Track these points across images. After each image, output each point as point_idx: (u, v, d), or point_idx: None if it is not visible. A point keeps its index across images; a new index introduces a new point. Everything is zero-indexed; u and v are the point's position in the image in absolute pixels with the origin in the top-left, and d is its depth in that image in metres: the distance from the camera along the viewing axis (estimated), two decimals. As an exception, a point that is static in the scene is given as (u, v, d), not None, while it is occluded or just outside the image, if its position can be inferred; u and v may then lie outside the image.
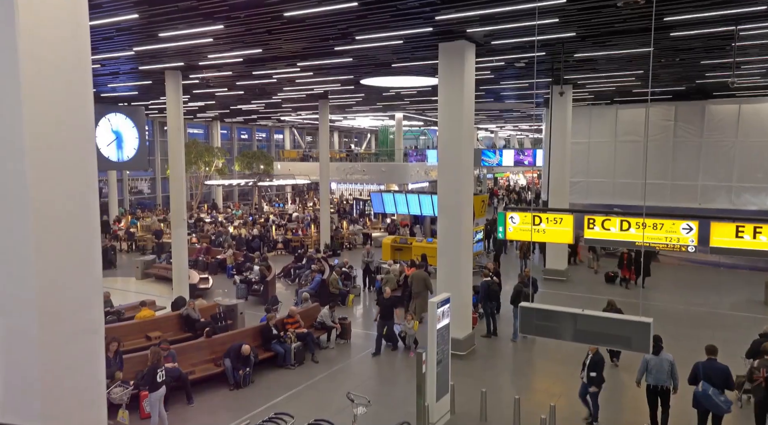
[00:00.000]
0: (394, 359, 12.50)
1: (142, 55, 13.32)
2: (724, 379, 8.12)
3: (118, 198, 33.38)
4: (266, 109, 28.75)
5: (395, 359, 12.50)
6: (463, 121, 12.11)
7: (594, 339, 7.32)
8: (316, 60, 13.97)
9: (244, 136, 44.99)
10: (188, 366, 10.67)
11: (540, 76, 17.19)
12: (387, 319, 12.74)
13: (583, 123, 24.64)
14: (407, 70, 15.51)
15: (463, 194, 12.44)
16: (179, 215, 16.57)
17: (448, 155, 12.47)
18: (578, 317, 7.33)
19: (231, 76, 16.72)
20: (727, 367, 8.26)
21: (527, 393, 10.66)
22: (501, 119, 37.86)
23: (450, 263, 12.43)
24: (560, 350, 12.96)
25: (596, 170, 24.84)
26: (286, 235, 25.40)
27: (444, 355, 9.37)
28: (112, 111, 23.35)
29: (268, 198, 41.58)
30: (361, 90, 20.61)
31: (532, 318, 7.62)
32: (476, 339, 13.30)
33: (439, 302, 9.18)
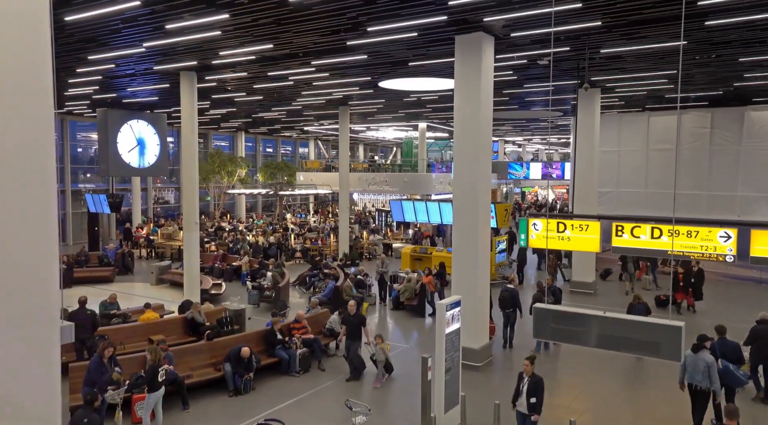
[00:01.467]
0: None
1: (154, 53, 13.10)
2: (737, 354, 9.04)
3: (143, 207, 33.56)
4: (288, 117, 28.57)
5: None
6: (480, 119, 11.49)
7: (618, 344, 6.53)
8: (329, 58, 13.56)
9: (270, 149, 45.06)
10: (186, 370, 10.16)
11: (565, 78, 16.44)
12: (353, 340, 11.10)
13: (612, 131, 23.71)
14: (425, 69, 14.98)
15: (480, 196, 11.76)
16: (191, 219, 16.25)
17: (464, 155, 11.85)
18: (600, 321, 6.57)
19: (247, 77, 16.46)
20: (738, 343, 9.25)
21: (547, 408, 9.77)
22: (528, 130, 36.99)
23: (465, 268, 11.72)
24: (586, 363, 12.10)
25: (626, 179, 23.80)
26: (305, 244, 24.95)
27: (454, 363, 8.64)
28: (134, 118, 23.52)
29: (292, 209, 41.37)
30: (380, 95, 20.17)
31: (547, 321, 6.88)
32: (495, 349, 12.52)
33: (449, 304, 8.48)
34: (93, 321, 11.02)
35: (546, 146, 53.88)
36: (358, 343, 11.19)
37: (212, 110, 25.38)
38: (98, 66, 14.67)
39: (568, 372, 11.74)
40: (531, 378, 7.76)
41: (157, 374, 8.65)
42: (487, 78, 11.63)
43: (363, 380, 11.04)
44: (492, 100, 12.00)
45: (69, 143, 29.59)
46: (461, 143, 11.86)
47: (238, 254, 22.10)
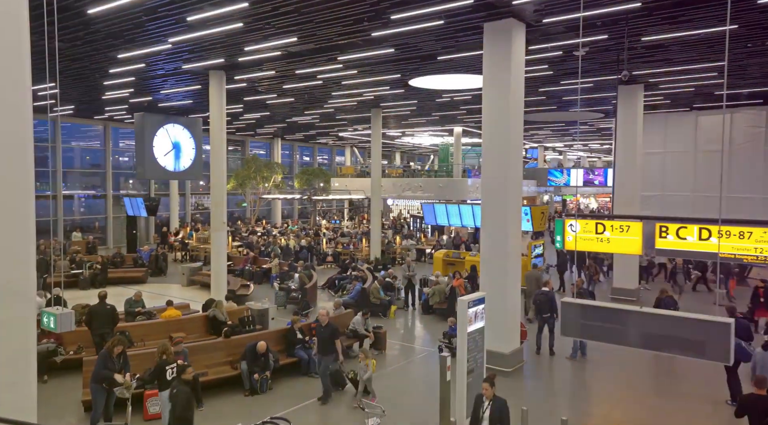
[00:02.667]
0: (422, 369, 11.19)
1: (181, 49, 13.05)
2: (748, 332, 9.68)
3: (181, 212, 34.04)
4: (322, 122, 28.48)
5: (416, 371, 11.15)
6: (510, 113, 10.91)
7: (657, 343, 5.83)
8: (356, 52, 13.23)
9: (307, 158, 45.23)
10: (201, 367, 9.85)
11: (604, 73, 15.64)
12: (327, 354, 9.70)
13: (657, 132, 22.60)
14: (455, 64, 14.48)
15: (510, 195, 11.13)
16: (218, 219, 16.14)
17: (493, 151, 11.27)
18: (636, 317, 5.90)
19: (276, 77, 16.32)
20: (748, 322, 9.98)
21: (580, 417, 9.07)
22: (568, 135, 35.85)
23: (494, 269, 11.10)
24: (626, 370, 11.29)
25: (673, 183, 22.60)
26: (336, 248, 24.65)
27: (477, 364, 8.04)
28: (170, 122, 23.77)
29: (328, 216, 41.29)
30: (412, 95, 19.76)
31: (576, 317, 6.24)
32: (530, 354, 11.84)
33: (471, 301, 7.90)
34: (112, 316, 10.87)
35: (588, 152, 52.28)
36: (332, 358, 9.76)
37: (246, 115, 25.49)
38: (129, 65, 14.78)
39: (604, 379, 10.93)
40: (493, 401, 6.72)
41: (165, 371, 8.34)
42: (518, 68, 11.05)
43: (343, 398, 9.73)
44: (523, 92, 11.42)
45: (111, 149, 30.28)
46: (490, 138, 11.30)
47: (268, 257, 21.96)
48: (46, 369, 10.45)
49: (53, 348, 10.58)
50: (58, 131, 27.73)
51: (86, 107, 23.83)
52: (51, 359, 10.52)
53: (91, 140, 30.63)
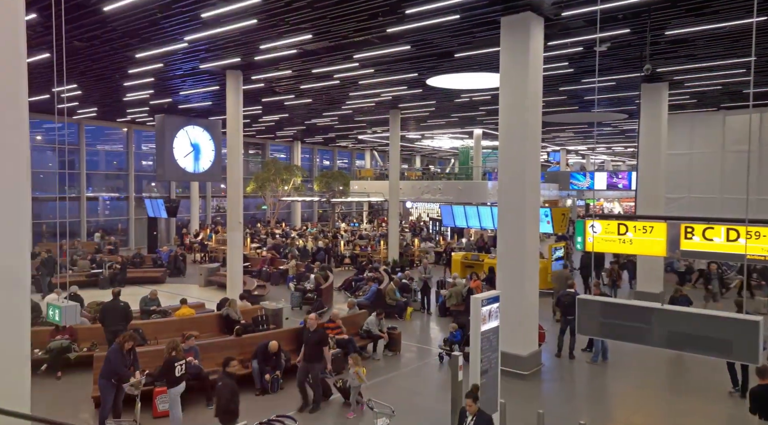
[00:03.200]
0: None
1: (197, 47, 13.06)
2: None
3: (201, 215, 34.29)
4: (341, 124, 28.43)
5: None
6: (528, 111, 10.64)
7: (680, 342, 5.51)
8: (371, 50, 13.09)
9: (327, 162, 45.27)
10: (212, 365, 9.74)
11: (627, 70, 15.25)
12: (312, 362, 9.11)
13: (683, 132, 21.99)
14: (473, 62, 14.24)
15: (528, 193, 10.83)
16: (234, 219, 16.12)
17: (510, 150, 11.01)
18: (657, 314, 5.60)
19: (293, 76, 16.27)
20: None
21: (599, 422, 8.73)
22: (591, 137, 35.22)
23: (511, 269, 10.81)
24: (649, 375, 10.89)
25: (699, 185, 21.93)
26: (354, 250, 24.51)
27: (491, 365, 7.76)
28: (190, 124, 23.98)
29: (348, 220, 41.22)
30: (430, 95, 19.55)
31: (594, 315, 5.95)
32: (550, 358, 11.51)
33: (485, 299, 7.64)
34: (125, 313, 10.86)
35: (611, 156, 51.37)
36: (319, 367, 9.25)
37: (265, 116, 25.55)
38: (147, 65, 14.86)
39: (626, 383, 10.54)
40: (477, 417, 6.35)
41: (173, 368, 8.25)
42: (536, 64, 10.79)
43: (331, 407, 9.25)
44: (541, 88, 11.13)
45: (133, 151, 30.64)
46: (507, 135, 11.05)
47: (286, 258, 21.92)
48: (60, 365, 10.48)
49: (67, 345, 10.59)
50: (82, 133, 28.17)
51: (109, 109, 24.12)
52: (65, 356, 10.53)
53: (115, 143, 31.05)
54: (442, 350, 11.50)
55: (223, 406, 7.27)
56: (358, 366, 8.92)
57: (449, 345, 11.35)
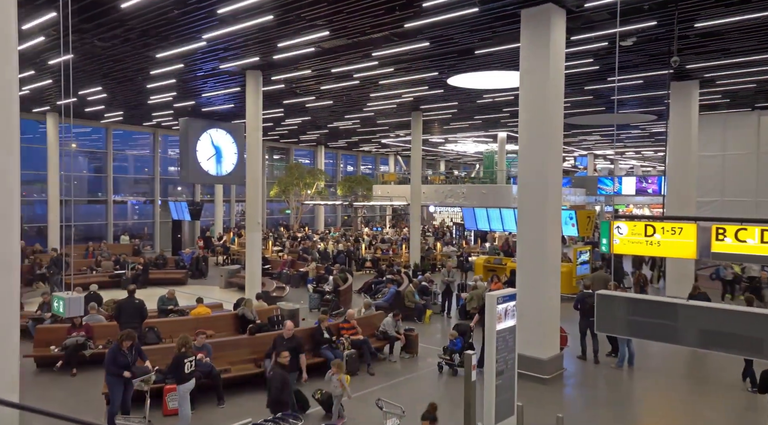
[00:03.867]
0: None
1: (215, 46, 13.06)
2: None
3: (225, 218, 34.55)
4: (363, 127, 28.34)
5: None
6: (549, 109, 10.33)
7: (705, 340, 5.15)
8: (390, 47, 12.91)
9: (351, 168, 45.24)
10: (224, 364, 9.65)
11: (655, 67, 14.75)
12: (288, 371, 8.31)
13: (715, 133, 21.30)
14: (494, 59, 13.95)
15: (550, 193, 10.48)
16: (254, 219, 16.08)
17: (530, 148, 10.73)
18: (681, 310, 5.24)
19: (312, 76, 16.20)
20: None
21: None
22: (619, 140, 34.40)
23: (532, 270, 10.45)
24: (678, 382, 10.40)
25: (733, 188, 21.18)
26: (375, 253, 24.30)
27: (507, 366, 7.44)
28: (213, 126, 24.17)
29: (371, 225, 41.07)
30: (452, 96, 19.28)
31: (613, 312, 5.62)
32: (574, 362, 11.10)
33: (501, 297, 7.34)
34: (140, 310, 10.83)
35: (641, 160, 50.18)
36: (293, 377, 8.54)
37: (288, 119, 25.59)
38: (169, 66, 14.95)
39: (652, 390, 10.06)
40: None
41: (183, 365, 8.14)
42: (557, 59, 10.47)
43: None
44: (563, 84, 10.80)
45: (159, 155, 31.05)
46: (527, 135, 10.76)
47: (306, 261, 21.85)
48: (75, 362, 10.48)
49: (83, 342, 10.60)
50: (110, 137, 28.66)
51: (134, 113, 24.46)
52: (80, 352, 10.54)
53: (143, 148, 31.50)
54: (441, 359, 10.90)
55: (275, 396, 7.40)
56: (342, 372, 8.25)
57: (449, 354, 10.78)
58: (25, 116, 24.80)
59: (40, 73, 16.15)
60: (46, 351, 10.61)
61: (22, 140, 24.38)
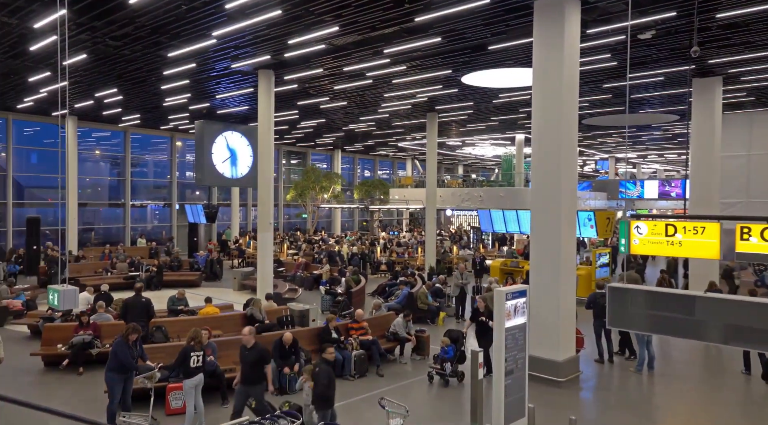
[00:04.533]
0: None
1: (227, 44, 13.01)
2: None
3: (243, 223, 34.66)
4: (379, 130, 28.17)
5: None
6: (563, 103, 10.00)
7: (722, 334, 4.80)
8: (401, 43, 12.70)
9: (368, 173, 45.08)
10: (229, 363, 9.46)
11: (676, 62, 14.31)
12: (252, 384, 7.59)
13: (740, 133, 20.54)
14: (508, 54, 13.65)
15: (564, 192, 10.11)
16: (265, 219, 15.97)
17: (543, 146, 10.37)
18: (697, 302, 4.90)
19: (325, 76, 16.08)
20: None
21: (643, 434, 7.91)
22: (641, 142, 33.70)
23: (545, 270, 10.08)
24: (701, 388, 9.92)
25: (759, 189, 20.42)
26: (390, 256, 24.05)
27: (518, 365, 7.12)
28: (229, 129, 24.23)
29: (388, 229, 40.83)
30: (467, 95, 19.00)
31: (625, 305, 5.29)
32: (591, 365, 10.71)
33: (510, 293, 7.03)
34: (147, 309, 10.72)
35: (663, 164, 49.17)
36: (259, 389, 7.63)
37: (303, 122, 25.54)
38: (181, 66, 14.95)
39: (672, 395, 9.61)
40: None
41: (189, 358, 7.97)
42: (572, 53, 10.15)
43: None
44: (578, 78, 10.46)
45: (176, 159, 31.25)
46: (540, 133, 10.40)
47: (320, 263, 21.70)
48: (82, 361, 10.40)
49: (89, 340, 10.52)
50: (128, 141, 28.92)
51: (151, 116, 24.63)
52: (87, 351, 10.45)
53: (163, 153, 31.74)
54: (431, 368, 10.13)
55: (321, 393, 7.04)
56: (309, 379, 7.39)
57: (440, 363, 10.01)
58: (44, 120, 25.20)
59: (56, 74, 16.28)
60: (53, 350, 10.55)
61: (43, 143, 24.47)
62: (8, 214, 24.82)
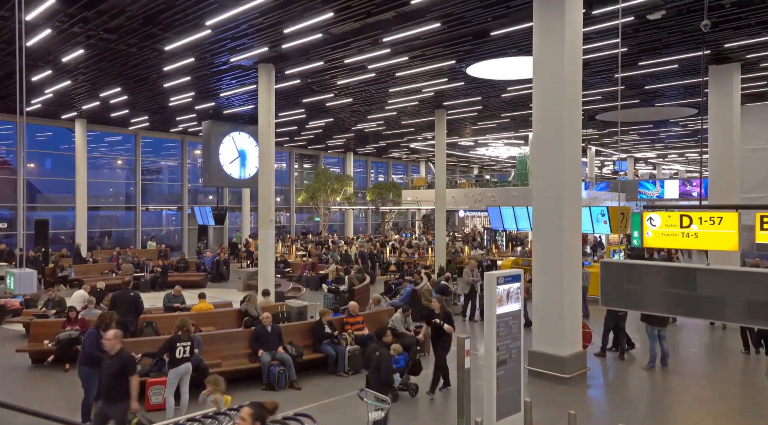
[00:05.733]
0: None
1: (222, 35, 12.74)
2: None
3: (254, 227, 34.45)
4: (389, 130, 27.79)
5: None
6: (564, 90, 9.45)
7: (728, 311, 4.24)
8: (399, 30, 12.30)
9: (381, 178, 44.67)
10: (215, 358, 9.07)
11: (689, 46, 13.66)
12: (112, 402, 6.15)
13: (761, 124, 19.76)
14: (510, 41, 13.14)
15: (566, 178, 9.58)
16: (266, 216, 15.65)
17: (543, 136, 9.85)
18: (699, 276, 4.35)
19: (326, 69, 15.75)
20: None
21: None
22: (659, 140, 32.75)
23: (549, 263, 9.52)
24: (715, 386, 9.25)
25: (783, 183, 19.58)
26: (400, 257, 23.58)
27: (511, 355, 6.60)
28: (236, 130, 24.09)
29: (402, 232, 40.38)
30: (474, 89, 18.53)
31: (620, 281, 4.77)
32: (600, 362, 10.11)
33: (502, 277, 6.52)
34: (136, 304, 10.40)
35: (685, 164, 47.91)
36: (121, 406, 6.15)
37: (311, 122, 25.26)
38: (179, 61, 14.75)
39: (686, 394, 8.98)
40: None
41: (175, 347, 7.63)
42: (573, 34, 9.59)
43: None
44: (581, 64, 9.88)
45: (187, 163, 31.23)
46: (541, 123, 9.86)
47: (327, 263, 21.34)
48: (69, 357, 10.10)
49: (76, 336, 10.23)
50: (138, 145, 28.96)
51: (159, 118, 24.57)
52: (73, 347, 10.15)
53: (175, 158, 31.76)
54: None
55: (384, 378, 7.25)
56: (220, 392, 6.30)
57: (402, 375, 8.68)
58: (53, 123, 25.32)
59: (58, 73, 16.21)
60: (40, 346, 10.29)
61: (53, 146, 24.46)
62: (20, 217, 24.93)
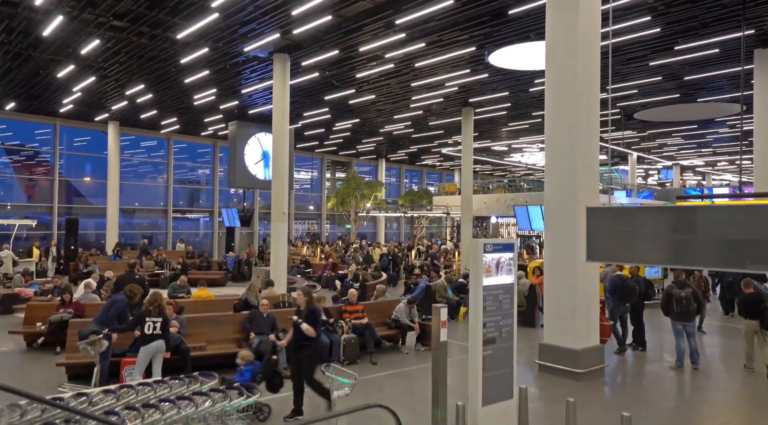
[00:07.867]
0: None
1: (230, 20, 12.51)
2: None
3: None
4: (417, 133, 27.21)
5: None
6: (577, 77, 8.66)
7: (734, 257, 3.41)
8: (412, 10, 11.76)
9: (415, 187, 43.97)
10: (200, 341, 8.58)
11: (729, 25, 12.58)
12: None
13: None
14: (531, 22, 12.39)
15: (579, 173, 8.73)
16: (279, 209, 15.27)
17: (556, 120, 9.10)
18: (708, 214, 3.56)
19: (342, 59, 15.35)
20: None
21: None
22: (706, 145, 30.88)
23: (563, 253, 8.63)
24: (751, 390, 8.16)
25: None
26: (425, 261, 22.82)
27: (502, 334, 5.83)
28: (262, 131, 24.02)
29: (434, 239, 39.52)
30: (500, 82, 17.77)
31: (608, 229, 3.99)
32: (619, 358, 9.13)
33: (492, 244, 5.78)
34: (142, 286, 10.05)
35: (736, 173, 45.27)
36: None
37: (337, 123, 24.93)
38: (194, 52, 14.64)
39: (713, 396, 7.91)
40: None
41: (143, 322, 7.18)
42: (589, 11, 8.79)
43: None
44: (599, 46, 8.96)
45: (218, 167, 31.42)
46: (553, 112, 9.12)
47: (347, 264, 20.83)
48: (60, 340, 9.82)
49: (68, 319, 9.93)
50: (171, 149, 29.31)
51: (187, 120, 24.73)
52: (65, 330, 9.86)
53: (207, 163, 32.05)
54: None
55: None
56: None
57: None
58: (87, 126, 25.86)
59: (81, 68, 16.37)
60: (32, 328, 10.06)
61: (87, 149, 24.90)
62: (54, 217, 25.47)
